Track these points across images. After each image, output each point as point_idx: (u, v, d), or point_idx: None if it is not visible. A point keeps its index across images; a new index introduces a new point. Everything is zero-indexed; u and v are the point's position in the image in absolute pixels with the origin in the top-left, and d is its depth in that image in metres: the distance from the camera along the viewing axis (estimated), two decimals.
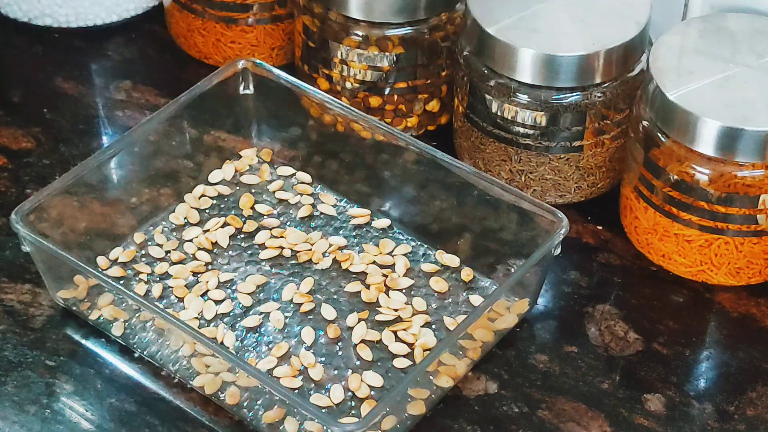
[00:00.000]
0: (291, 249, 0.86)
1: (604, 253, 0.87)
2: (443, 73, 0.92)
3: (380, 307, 0.82)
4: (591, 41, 0.83)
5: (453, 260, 0.85)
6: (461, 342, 0.78)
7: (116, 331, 0.81)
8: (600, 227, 0.89)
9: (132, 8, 1.04)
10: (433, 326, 0.82)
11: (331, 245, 0.87)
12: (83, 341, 0.81)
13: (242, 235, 0.87)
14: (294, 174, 0.92)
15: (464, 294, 0.84)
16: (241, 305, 0.83)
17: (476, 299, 0.83)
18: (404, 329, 0.81)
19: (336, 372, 0.79)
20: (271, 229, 0.88)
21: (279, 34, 0.99)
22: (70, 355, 0.80)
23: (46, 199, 0.82)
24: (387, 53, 0.90)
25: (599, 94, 0.84)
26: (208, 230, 0.87)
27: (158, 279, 0.84)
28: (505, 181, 0.87)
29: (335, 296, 0.84)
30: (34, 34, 1.04)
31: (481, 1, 0.86)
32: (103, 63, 1.03)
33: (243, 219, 0.88)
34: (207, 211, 0.89)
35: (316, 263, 0.85)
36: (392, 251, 0.86)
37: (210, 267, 0.85)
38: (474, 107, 0.88)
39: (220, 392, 0.77)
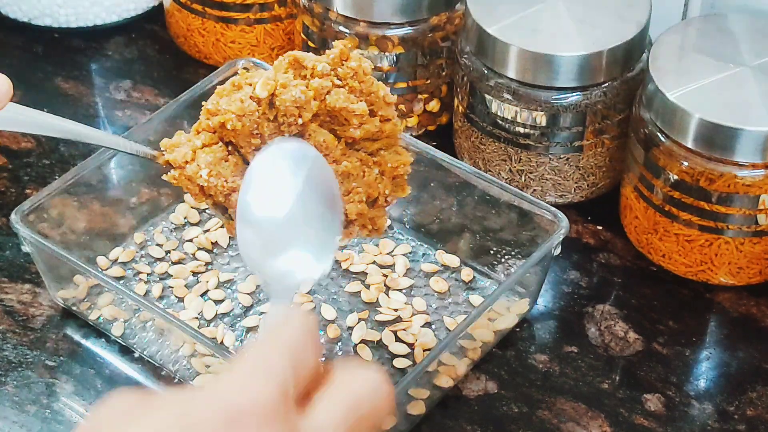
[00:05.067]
0: None
1: (604, 253, 0.87)
2: (443, 73, 0.92)
3: (380, 307, 0.82)
4: (591, 41, 0.83)
5: (453, 260, 0.85)
6: (461, 342, 0.78)
7: (116, 331, 0.81)
8: (600, 227, 0.89)
9: (132, 8, 1.04)
10: (433, 326, 0.82)
11: None
12: (83, 341, 0.81)
13: None
14: None
15: (464, 294, 0.84)
16: (241, 305, 0.83)
17: (476, 299, 0.83)
18: (404, 329, 0.81)
19: None
20: None
21: (279, 34, 0.99)
22: (70, 355, 0.80)
23: (46, 199, 0.82)
24: (387, 53, 0.90)
25: (599, 94, 0.84)
26: (208, 230, 0.87)
27: (158, 279, 0.84)
28: (505, 181, 0.87)
29: (335, 296, 0.84)
30: (34, 34, 1.04)
31: (481, 1, 0.86)
32: (103, 63, 1.03)
33: None
34: (207, 211, 0.89)
35: None
36: (392, 251, 0.86)
37: (210, 267, 0.85)
38: (474, 107, 0.88)
39: None
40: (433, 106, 0.94)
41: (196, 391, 0.49)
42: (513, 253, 0.84)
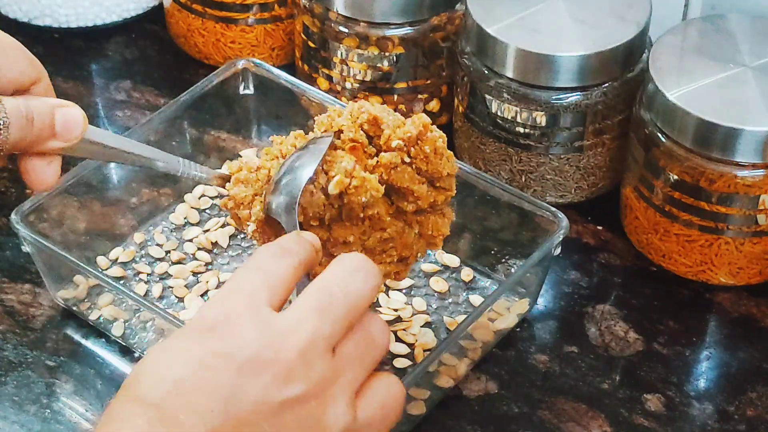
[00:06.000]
0: None
1: (604, 253, 0.87)
2: (443, 73, 0.92)
3: (380, 307, 0.82)
4: (591, 41, 0.83)
5: (453, 260, 0.85)
6: (461, 342, 0.78)
7: (116, 331, 0.81)
8: (600, 227, 0.89)
9: (132, 8, 1.04)
10: (433, 326, 0.82)
11: None
12: (83, 341, 0.81)
13: (242, 235, 0.87)
14: None
15: (464, 294, 0.84)
16: None
17: (476, 299, 0.83)
18: (404, 329, 0.81)
19: None
20: None
21: (279, 34, 0.99)
22: (70, 355, 0.80)
23: (46, 199, 0.82)
24: (387, 53, 0.90)
25: (599, 94, 0.84)
26: (208, 230, 0.87)
27: (158, 279, 0.84)
28: (505, 181, 0.87)
29: None
30: (34, 34, 1.04)
31: (481, 1, 0.86)
32: (103, 63, 1.03)
33: None
34: (207, 211, 0.89)
35: None
36: None
37: (210, 267, 0.85)
38: (474, 107, 0.88)
39: None
40: (433, 106, 0.94)
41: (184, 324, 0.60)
42: (513, 253, 0.84)
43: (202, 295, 0.83)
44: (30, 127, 0.63)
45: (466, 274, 0.85)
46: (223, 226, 0.88)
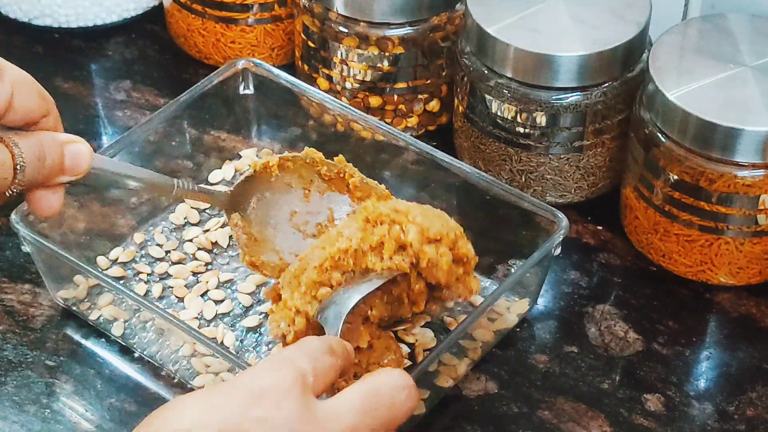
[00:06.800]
0: None
1: (604, 253, 0.87)
2: (443, 73, 0.92)
3: None
4: (591, 41, 0.83)
5: None
6: (461, 342, 0.78)
7: (116, 331, 0.81)
8: (600, 227, 0.89)
9: (132, 8, 1.04)
10: (433, 326, 0.82)
11: None
12: (83, 341, 0.81)
13: None
14: None
15: None
16: (241, 305, 0.83)
17: (476, 299, 0.83)
18: (404, 329, 0.81)
19: None
20: None
21: (279, 34, 0.99)
22: (70, 355, 0.80)
23: None
24: (387, 53, 0.90)
25: (599, 94, 0.84)
26: (208, 230, 0.87)
27: (158, 279, 0.84)
28: (505, 181, 0.87)
29: None
30: (34, 34, 1.04)
31: (481, 1, 0.86)
32: (103, 63, 1.03)
33: None
34: (207, 211, 0.89)
35: None
36: None
37: (210, 267, 0.85)
38: (474, 107, 0.88)
39: None
40: (433, 106, 0.94)
41: (231, 379, 0.63)
42: (513, 253, 0.84)
43: (202, 295, 0.83)
44: (42, 166, 0.64)
45: None
46: (223, 226, 0.88)
